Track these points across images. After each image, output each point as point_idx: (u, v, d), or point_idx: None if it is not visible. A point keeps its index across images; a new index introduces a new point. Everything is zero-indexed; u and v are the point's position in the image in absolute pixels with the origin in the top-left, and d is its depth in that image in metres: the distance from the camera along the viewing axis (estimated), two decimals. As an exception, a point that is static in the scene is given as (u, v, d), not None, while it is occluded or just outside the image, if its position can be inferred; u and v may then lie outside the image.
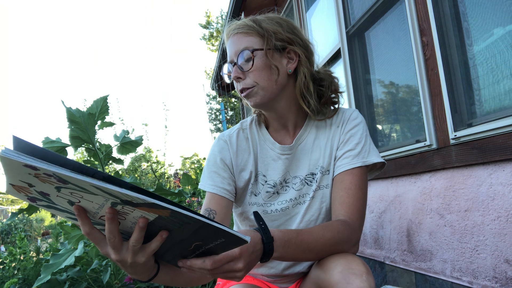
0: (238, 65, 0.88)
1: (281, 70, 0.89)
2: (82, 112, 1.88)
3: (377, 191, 2.13)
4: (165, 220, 0.53)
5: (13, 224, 9.34)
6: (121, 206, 0.52)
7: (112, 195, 0.49)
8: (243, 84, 0.89)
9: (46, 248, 3.59)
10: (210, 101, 16.91)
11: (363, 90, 2.35)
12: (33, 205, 0.59)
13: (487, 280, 1.37)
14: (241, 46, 0.88)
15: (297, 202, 0.94)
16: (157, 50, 47.37)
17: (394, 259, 1.96)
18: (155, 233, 0.57)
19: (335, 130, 0.95)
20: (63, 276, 1.88)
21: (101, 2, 65.73)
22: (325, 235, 0.76)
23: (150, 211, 0.52)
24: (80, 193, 0.51)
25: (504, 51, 1.35)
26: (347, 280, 0.69)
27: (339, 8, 2.49)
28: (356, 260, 0.74)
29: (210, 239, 0.56)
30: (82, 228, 0.57)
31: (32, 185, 0.51)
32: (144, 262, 0.59)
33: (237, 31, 0.90)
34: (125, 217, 0.55)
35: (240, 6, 3.94)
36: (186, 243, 0.58)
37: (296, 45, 0.91)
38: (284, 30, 0.90)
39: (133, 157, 8.32)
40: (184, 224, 0.53)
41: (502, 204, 1.30)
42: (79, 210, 0.55)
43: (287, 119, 0.96)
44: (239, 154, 0.95)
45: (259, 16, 0.94)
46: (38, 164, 0.44)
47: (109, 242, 0.57)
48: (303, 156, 0.95)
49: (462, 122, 1.50)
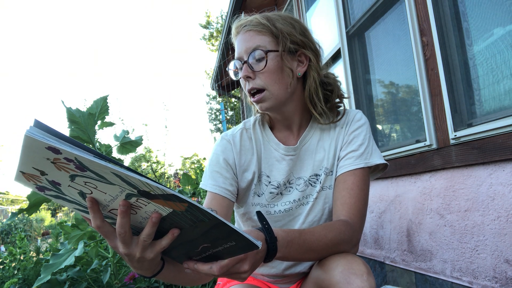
0: (249, 64, 0.86)
1: (294, 73, 0.88)
2: (82, 112, 1.88)
3: (377, 191, 2.13)
4: (178, 216, 0.52)
5: (13, 224, 9.34)
6: (135, 199, 0.51)
7: (130, 185, 0.48)
8: (252, 84, 0.87)
9: (46, 248, 3.59)
10: (210, 101, 16.93)
11: (363, 90, 2.35)
12: (40, 195, 0.58)
13: (487, 280, 1.38)
14: (253, 45, 0.86)
15: (300, 203, 0.93)
16: (157, 50, 47.38)
17: (394, 259, 1.96)
18: (165, 230, 0.56)
19: (339, 131, 0.94)
20: (63, 276, 1.88)
21: (101, 2, 65.73)
22: (327, 235, 0.76)
23: (166, 204, 0.50)
24: (95, 183, 0.50)
25: (504, 51, 1.35)
26: (347, 280, 0.69)
27: (339, 8, 2.49)
28: (357, 260, 0.74)
29: (220, 241, 0.55)
30: (92, 221, 0.56)
31: (45, 173, 0.50)
32: (152, 258, 0.59)
33: (249, 28, 0.88)
34: (136, 211, 0.54)
35: (240, 6, 3.94)
36: (195, 243, 0.57)
37: (307, 49, 0.90)
38: (297, 32, 0.89)
39: (133, 157, 8.33)
40: (197, 222, 0.52)
41: (502, 204, 1.30)
42: (92, 202, 0.54)
43: (292, 120, 0.95)
44: (243, 154, 0.94)
45: (272, 14, 0.91)
46: (62, 147, 0.43)
47: (119, 236, 0.56)
48: (307, 157, 0.94)
49: (462, 122, 1.50)
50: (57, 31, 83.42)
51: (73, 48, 69.24)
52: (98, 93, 21.31)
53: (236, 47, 0.90)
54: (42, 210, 14.81)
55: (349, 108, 2.36)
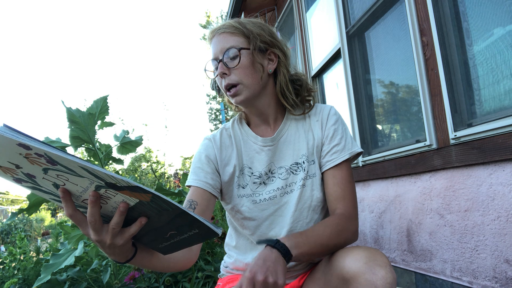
0: (224, 62, 0.95)
1: (264, 69, 0.98)
2: (82, 112, 1.88)
3: (377, 191, 2.13)
4: (145, 205, 0.56)
5: (13, 224, 9.34)
6: (104, 190, 0.55)
7: (98, 178, 0.52)
8: (228, 80, 0.95)
9: (46, 248, 3.59)
10: (210, 101, 16.91)
11: (363, 90, 2.35)
12: (20, 186, 0.62)
13: (487, 280, 1.38)
14: (227, 44, 0.95)
15: (284, 191, 0.99)
16: (157, 50, 47.37)
17: (394, 259, 1.96)
18: (134, 218, 0.61)
19: (314, 123, 1.03)
20: (63, 276, 1.88)
21: (102, 2, 65.72)
22: (326, 230, 0.85)
23: (132, 195, 0.55)
24: (66, 176, 0.53)
25: (504, 51, 1.35)
26: (373, 271, 0.73)
27: (339, 8, 2.49)
28: (379, 252, 0.79)
29: (185, 228, 0.60)
30: (65, 210, 0.60)
31: (20, 166, 0.53)
32: (122, 244, 0.63)
33: (223, 30, 0.97)
34: (107, 201, 0.59)
35: (240, 6, 3.94)
36: (163, 230, 0.62)
37: (276, 48, 1.00)
38: (266, 34, 0.99)
39: (133, 157, 8.34)
40: (162, 211, 0.56)
41: (502, 204, 1.30)
42: (64, 192, 0.58)
43: (268, 114, 1.03)
44: (223, 150, 1.02)
45: (243, 19, 1.02)
46: (32, 143, 0.46)
47: (90, 224, 0.61)
48: (286, 147, 1.02)
49: (462, 122, 1.50)
50: (58, 31, 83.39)
51: (73, 48, 69.25)
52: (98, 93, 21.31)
53: (212, 48, 0.99)
54: (42, 210, 14.79)
55: (349, 107, 2.37)
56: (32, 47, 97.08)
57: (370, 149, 2.27)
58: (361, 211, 2.32)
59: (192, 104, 38.54)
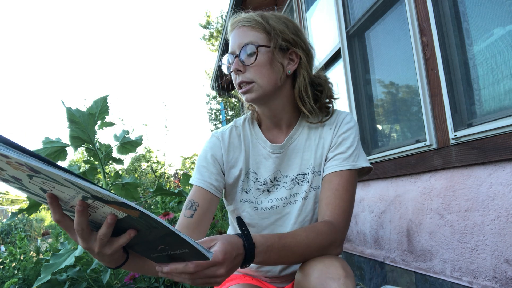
0: (240, 58, 0.88)
1: (284, 69, 0.91)
2: (82, 112, 1.88)
3: (377, 191, 2.13)
4: (134, 220, 0.54)
5: (13, 224, 9.33)
6: (91, 201, 0.53)
7: (83, 190, 0.50)
8: (242, 77, 0.89)
9: (46, 248, 3.59)
10: (210, 101, 16.91)
11: (363, 90, 2.35)
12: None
13: (487, 280, 1.38)
14: (245, 40, 0.89)
15: (287, 202, 0.95)
16: (157, 50, 47.40)
17: (394, 259, 1.96)
18: (124, 229, 0.58)
19: (327, 131, 0.95)
20: (63, 276, 1.88)
21: (102, 2, 65.77)
22: (308, 237, 0.76)
23: (120, 209, 0.53)
24: (52, 183, 0.51)
25: (504, 51, 1.35)
26: (324, 285, 0.69)
27: (339, 8, 2.49)
28: (335, 263, 0.73)
29: (175, 246, 0.57)
30: (52, 215, 0.58)
31: (4, 169, 0.52)
32: (110, 253, 0.61)
33: (243, 23, 0.90)
34: (95, 210, 0.56)
35: (240, 6, 3.94)
36: (153, 244, 0.59)
37: (298, 48, 0.92)
38: (290, 31, 0.91)
39: (133, 157, 8.33)
40: (151, 228, 0.54)
41: (502, 204, 1.30)
42: (51, 198, 0.56)
43: (281, 118, 0.97)
44: (231, 151, 0.97)
45: (267, 13, 0.94)
46: (10, 153, 0.44)
47: (77, 233, 0.58)
48: (294, 156, 0.96)
49: (462, 122, 1.50)
50: (58, 31, 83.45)
51: (73, 48, 69.27)
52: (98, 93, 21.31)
53: (230, 42, 0.92)
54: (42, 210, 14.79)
55: (349, 107, 2.37)
56: (32, 47, 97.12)
57: (370, 149, 2.27)
58: (361, 211, 2.32)
59: (192, 104, 38.55)
